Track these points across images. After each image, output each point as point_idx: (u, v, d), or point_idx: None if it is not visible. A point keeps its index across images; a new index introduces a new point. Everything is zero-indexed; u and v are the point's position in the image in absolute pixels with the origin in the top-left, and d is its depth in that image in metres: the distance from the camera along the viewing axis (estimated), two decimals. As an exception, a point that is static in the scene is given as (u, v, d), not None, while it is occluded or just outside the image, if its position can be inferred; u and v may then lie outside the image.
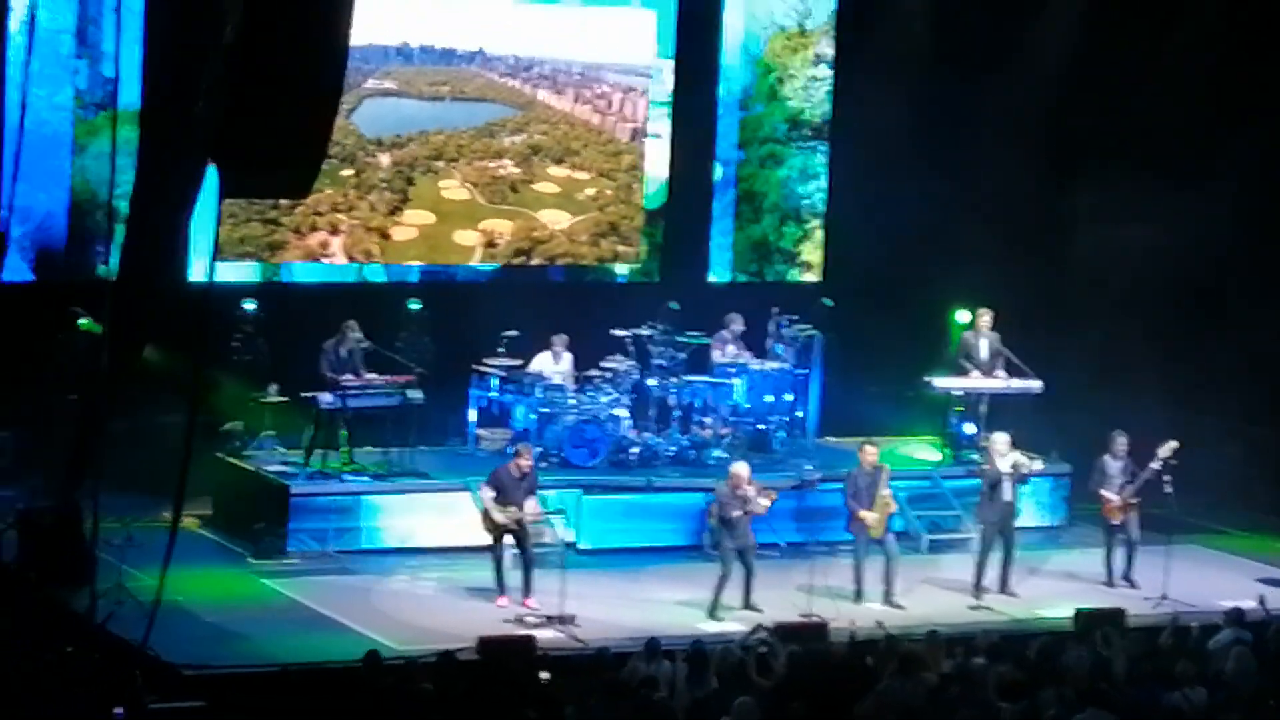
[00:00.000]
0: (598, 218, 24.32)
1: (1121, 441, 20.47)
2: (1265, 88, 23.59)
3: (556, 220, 24.11)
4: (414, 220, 23.35)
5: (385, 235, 23.18)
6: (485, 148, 23.77)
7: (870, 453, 19.86)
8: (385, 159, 23.16)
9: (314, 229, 22.74)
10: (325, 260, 22.82)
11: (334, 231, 22.86)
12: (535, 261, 23.99)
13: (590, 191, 24.31)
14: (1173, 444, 20.17)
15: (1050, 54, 24.45)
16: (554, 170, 24.13)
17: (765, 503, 19.19)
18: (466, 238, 23.63)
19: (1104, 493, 20.44)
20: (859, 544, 19.63)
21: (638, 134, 24.48)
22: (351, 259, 22.99)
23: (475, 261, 23.69)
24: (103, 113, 21.16)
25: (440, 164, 23.53)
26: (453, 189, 23.58)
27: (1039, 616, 18.94)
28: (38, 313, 20.22)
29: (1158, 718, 14.53)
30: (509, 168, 23.89)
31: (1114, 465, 20.45)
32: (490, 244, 23.72)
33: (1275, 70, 23.61)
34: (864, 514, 19.54)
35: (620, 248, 24.41)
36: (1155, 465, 20.14)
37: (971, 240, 24.12)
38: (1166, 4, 24.24)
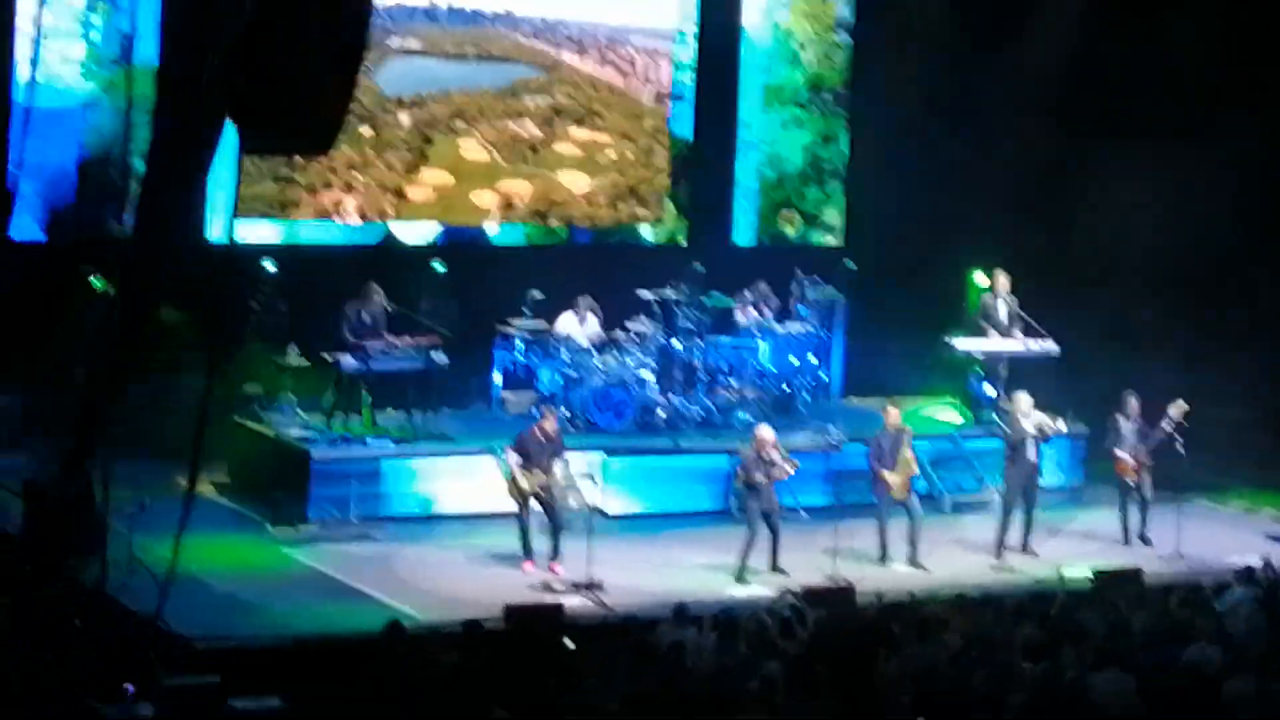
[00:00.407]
0: (617, 180, 23.44)
1: (1133, 402, 19.96)
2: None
3: (576, 182, 23.19)
4: (431, 180, 22.40)
5: (401, 195, 22.21)
6: (507, 108, 22.83)
7: (893, 414, 19.18)
8: (405, 118, 22.23)
9: (328, 187, 21.78)
10: (339, 219, 21.82)
11: (349, 190, 21.91)
12: (553, 224, 23.05)
13: (611, 154, 23.44)
14: (1182, 404, 19.68)
15: (1068, 19, 23.84)
16: (575, 132, 23.24)
17: (789, 469, 18.37)
18: (484, 199, 22.69)
19: (1118, 452, 19.92)
20: (883, 506, 18.88)
21: (661, 97, 23.69)
22: (366, 218, 21.98)
23: (492, 222, 22.73)
24: (118, 68, 20.12)
25: (461, 124, 22.59)
26: (472, 149, 22.64)
27: (1059, 576, 18.15)
28: (49, 272, 19.18)
29: (1175, 675, 13.86)
30: (530, 129, 22.94)
31: (1127, 425, 19.93)
32: (508, 205, 22.78)
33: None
34: (887, 475, 18.79)
35: (639, 210, 23.55)
36: (1166, 426, 19.65)
37: (989, 203, 23.57)
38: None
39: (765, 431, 18.48)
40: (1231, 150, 22.61)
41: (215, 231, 19.62)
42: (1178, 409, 19.63)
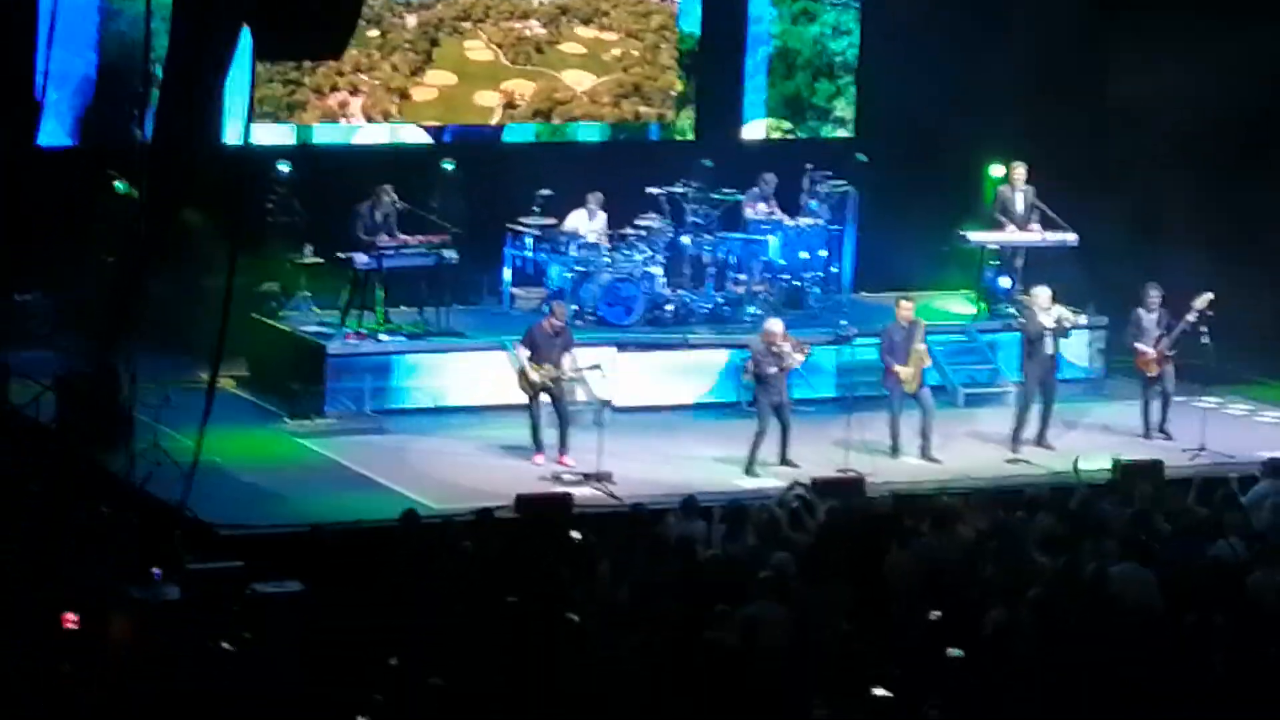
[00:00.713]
0: (621, 79, 23.89)
1: (1155, 294, 20.29)
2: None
3: (580, 81, 23.70)
4: (435, 81, 22.96)
5: (405, 95, 22.79)
6: (513, 8, 23.36)
7: (906, 308, 19.67)
8: (411, 19, 22.79)
9: (334, 89, 22.39)
10: (345, 120, 22.49)
11: (354, 92, 22.50)
12: (555, 121, 23.62)
13: (616, 52, 23.89)
14: (1208, 295, 19.94)
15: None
16: (581, 31, 23.72)
17: (800, 357, 19.03)
18: (487, 98, 23.25)
19: (1138, 345, 20.27)
20: (894, 399, 19.47)
21: (668, -7, 24.12)
22: (370, 119, 22.62)
23: (494, 121, 23.35)
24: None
25: (467, 24, 23.13)
26: (477, 49, 23.20)
27: (1078, 469, 18.62)
28: (75, 176, 19.94)
29: (1198, 569, 14.38)
30: (535, 28, 23.47)
31: (1148, 318, 20.27)
32: (510, 104, 23.33)
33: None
34: (899, 368, 19.36)
35: (642, 108, 23.98)
36: (1190, 317, 19.96)
37: (1006, 93, 23.79)
38: None
39: (774, 324, 19.11)
40: (1260, 31, 22.49)
41: (232, 136, 20.21)
42: (1202, 300, 19.87)
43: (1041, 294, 19.90)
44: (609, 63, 23.81)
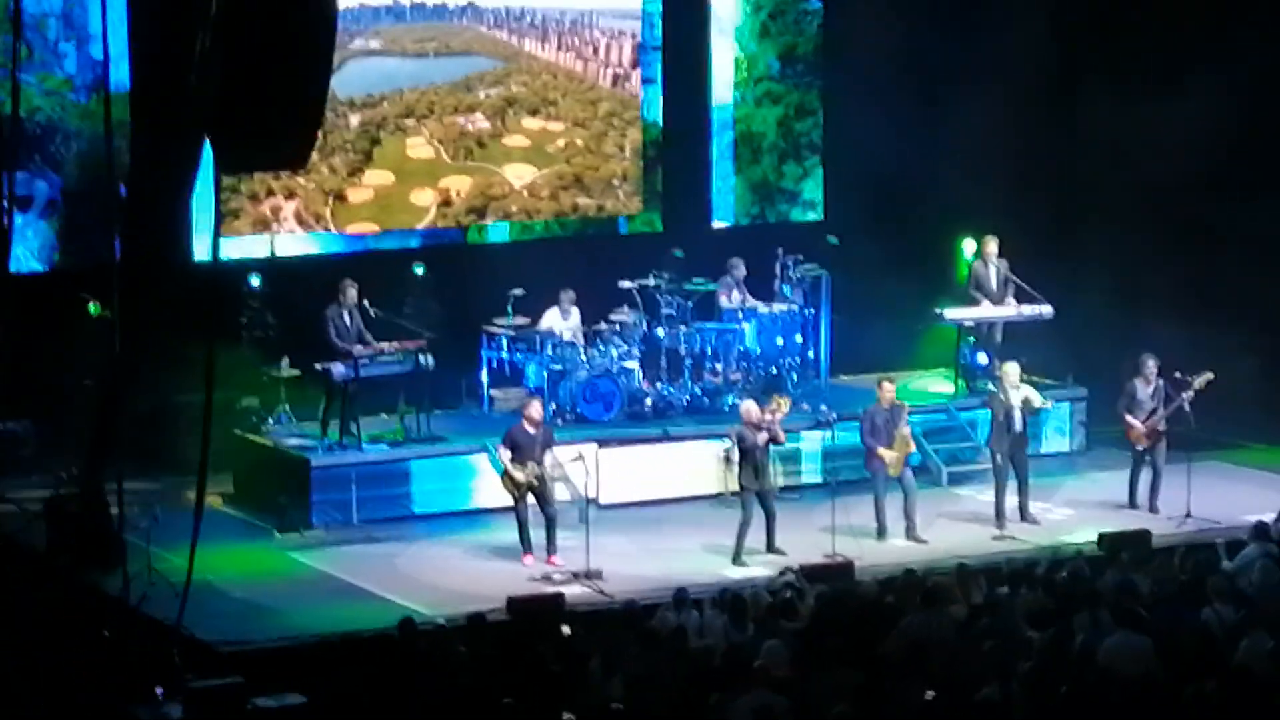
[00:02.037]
0: (562, 170, 24.46)
1: (1152, 365, 20.60)
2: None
3: (521, 175, 24.24)
4: (372, 181, 23.49)
5: (341, 198, 23.27)
6: (459, 102, 23.92)
7: (888, 389, 20.20)
8: (355, 119, 23.27)
9: (269, 194, 22.84)
10: (277, 228, 22.87)
11: (290, 196, 22.95)
12: (489, 220, 24.10)
13: (560, 143, 24.45)
14: (1208, 375, 20.31)
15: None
16: (528, 122, 24.30)
17: (784, 409, 19.53)
18: (422, 197, 23.77)
19: (1128, 418, 20.57)
20: (878, 481, 20.00)
21: (619, 79, 24.67)
22: (304, 224, 23.07)
23: (425, 223, 23.80)
24: (95, 96, 21.39)
25: (410, 121, 23.71)
26: (418, 147, 23.75)
27: (1063, 542, 19.30)
28: (48, 302, 20.43)
29: (1188, 636, 14.80)
30: (479, 122, 24.05)
31: (1144, 390, 20.59)
32: (445, 202, 23.83)
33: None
34: (882, 451, 19.90)
35: (581, 199, 24.51)
36: (1187, 395, 20.31)
37: (973, 167, 24.20)
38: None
39: (749, 404, 19.75)
40: (1223, 90, 23.17)
41: (202, 252, 20.82)
42: (1202, 380, 20.24)
43: (1010, 370, 20.41)
44: (553, 154, 24.39)
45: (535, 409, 19.49)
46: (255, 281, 21.97)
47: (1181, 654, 14.39)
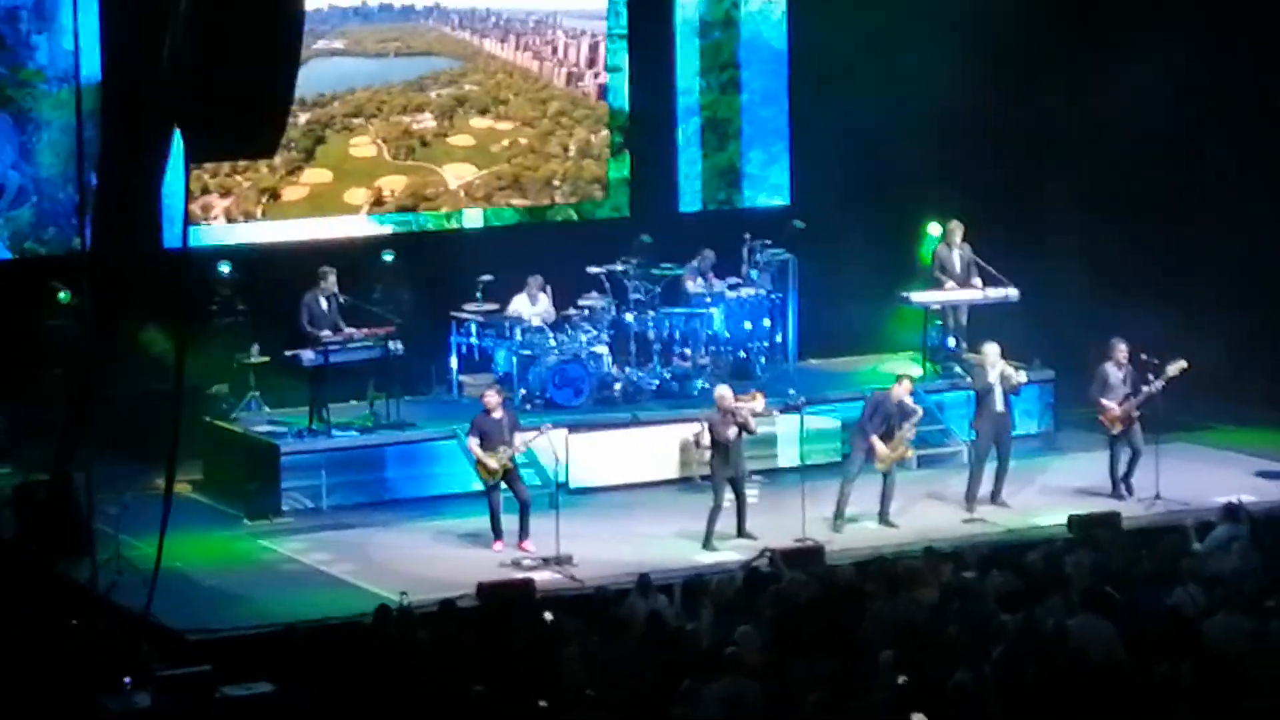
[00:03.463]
0: (501, 170, 24.15)
1: (1122, 349, 20.47)
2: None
3: (461, 174, 23.91)
4: (310, 179, 23.18)
5: (275, 196, 22.95)
6: (409, 102, 23.68)
7: (905, 386, 19.81)
8: (303, 117, 22.96)
9: (205, 192, 22.47)
10: (206, 223, 22.49)
11: (225, 194, 22.61)
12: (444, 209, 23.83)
13: (505, 143, 24.17)
14: (1181, 364, 20.19)
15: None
16: (476, 122, 24.04)
17: (759, 405, 19.40)
18: (356, 195, 23.44)
19: (1104, 401, 20.43)
20: (853, 464, 19.80)
21: (573, 78, 24.46)
22: (232, 221, 22.72)
23: (359, 218, 23.44)
24: (65, 86, 21.14)
25: (358, 120, 23.42)
26: (361, 146, 23.46)
27: (1033, 525, 19.22)
28: (18, 290, 20.36)
29: (1158, 618, 14.73)
30: (426, 122, 23.76)
31: (1116, 374, 20.43)
32: (378, 201, 23.50)
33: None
34: (878, 442, 19.57)
35: (516, 200, 24.18)
36: (1160, 384, 20.19)
37: (939, 151, 24.24)
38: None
39: (723, 389, 19.54)
40: (1190, 67, 23.35)
41: (170, 239, 20.60)
42: (1175, 368, 20.10)
43: (990, 350, 20.24)
44: (495, 154, 24.10)
45: (491, 398, 19.29)
46: (225, 269, 21.73)
47: (1152, 636, 14.30)
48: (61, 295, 19.43)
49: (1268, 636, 14.23)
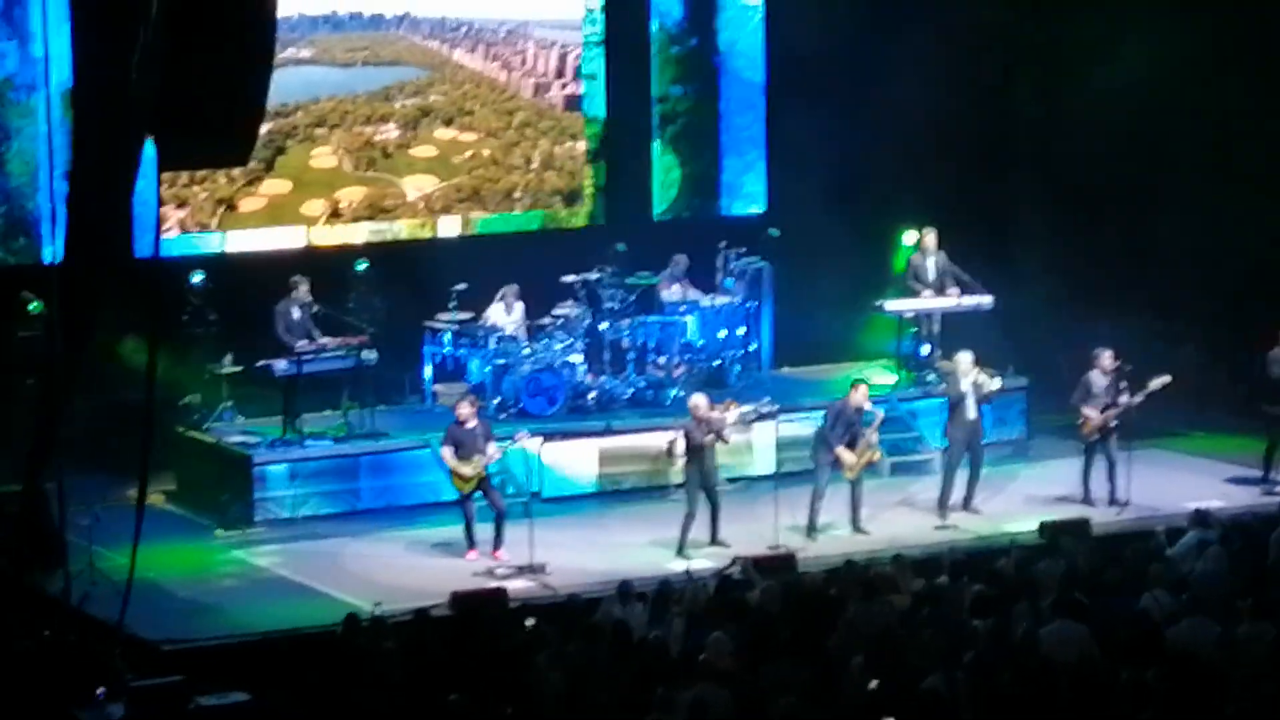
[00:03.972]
0: (461, 183, 24.06)
1: (1107, 358, 20.48)
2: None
3: (421, 185, 23.79)
4: (269, 190, 23.00)
5: (232, 207, 22.78)
6: (373, 112, 23.56)
7: (861, 391, 19.90)
8: (265, 128, 22.62)
9: (160, 203, 22.18)
10: (165, 235, 22.33)
11: (180, 205, 22.45)
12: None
13: (468, 154, 24.07)
14: (1165, 379, 20.24)
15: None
16: (440, 133, 23.93)
17: (733, 415, 19.44)
18: (313, 207, 23.25)
19: (1084, 410, 20.44)
20: (821, 474, 19.78)
21: (540, 89, 24.44)
22: (185, 231, 22.56)
23: (318, 228, 23.27)
24: (35, 94, 21.12)
25: (320, 130, 23.29)
26: (322, 157, 23.30)
27: (1005, 532, 19.26)
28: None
29: (1128, 623, 14.78)
30: (389, 132, 23.64)
31: (1100, 382, 20.44)
32: (335, 213, 23.33)
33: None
34: (843, 452, 19.63)
35: (475, 213, 24.04)
36: (1139, 398, 20.23)
37: (913, 159, 24.28)
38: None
39: (698, 398, 19.58)
40: (1159, 76, 23.40)
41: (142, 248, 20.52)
42: (1158, 382, 20.15)
43: (963, 358, 20.32)
44: (457, 165, 23.99)
45: (464, 409, 19.26)
46: (197, 278, 21.57)
47: (1121, 641, 14.35)
48: (32, 305, 19.35)
49: (1236, 641, 14.30)
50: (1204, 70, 23.70)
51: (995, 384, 20.49)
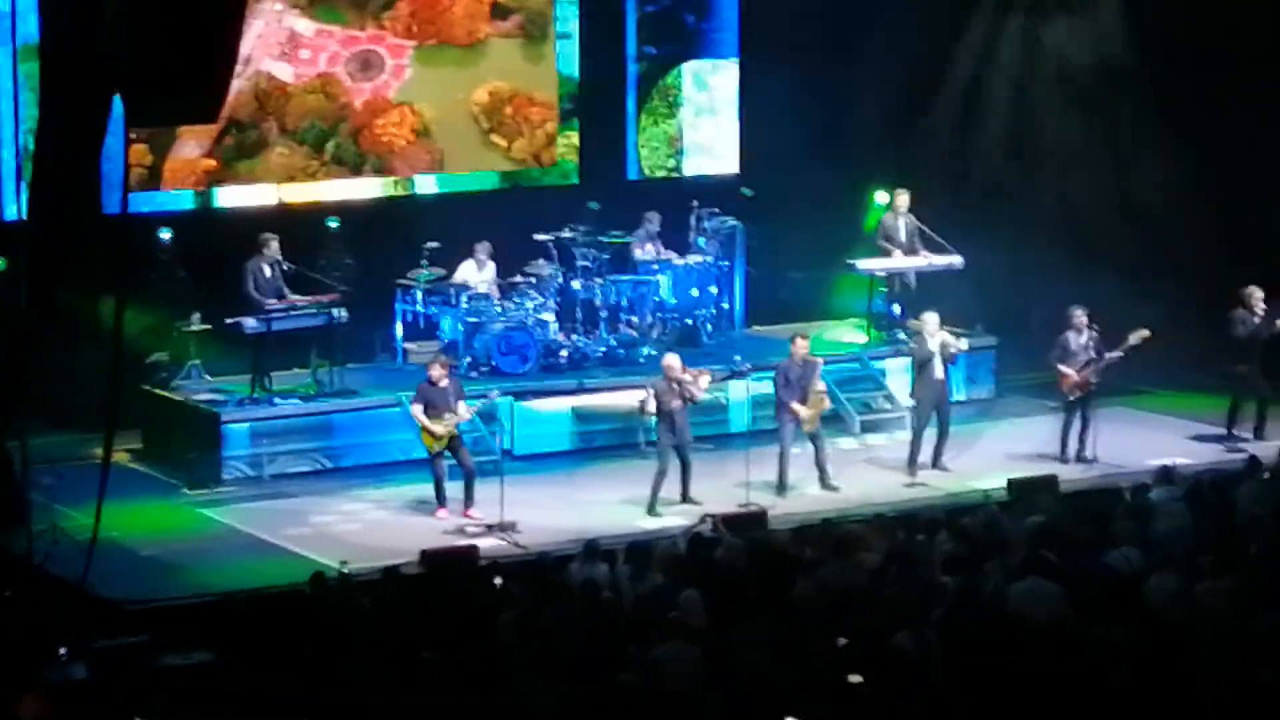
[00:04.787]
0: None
1: (1081, 315, 20.44)
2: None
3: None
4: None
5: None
6: None
7: (801, 345, 19.87)
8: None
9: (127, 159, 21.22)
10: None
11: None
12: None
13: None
14: (1144, 332, 20.23)
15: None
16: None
17: (704, 382, 19.33)
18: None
19: (1062, 368, 20.39)
20: (785, 435, 19.70)
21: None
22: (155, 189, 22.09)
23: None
24: (1, 49, 20.75)
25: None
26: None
27: (974, 489, 19.17)
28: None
29: (1096, 580, 14.73)
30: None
31: (1076, 341, 20.40)
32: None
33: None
34: (796, 407, 19.60)
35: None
36: (1119, 353, 20.23)
37: (885, 121, 24.34)
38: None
39: (671, 359, 19.50)
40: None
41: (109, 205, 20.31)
42: (1137, 336, 20.15)
43: (929, 319, 20.28)
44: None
45: (435, 369, 19.09)
46: (165, 235, 21.35)
47: (1091, 597, 14.31)
48: (-2, 263, 19.15)
49: (1198, 595, 14.29)
50: (1181, 24, 23.60)
51: (961, 344, 20.44)
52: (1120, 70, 24.03)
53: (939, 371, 20.12)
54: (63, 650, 13.78)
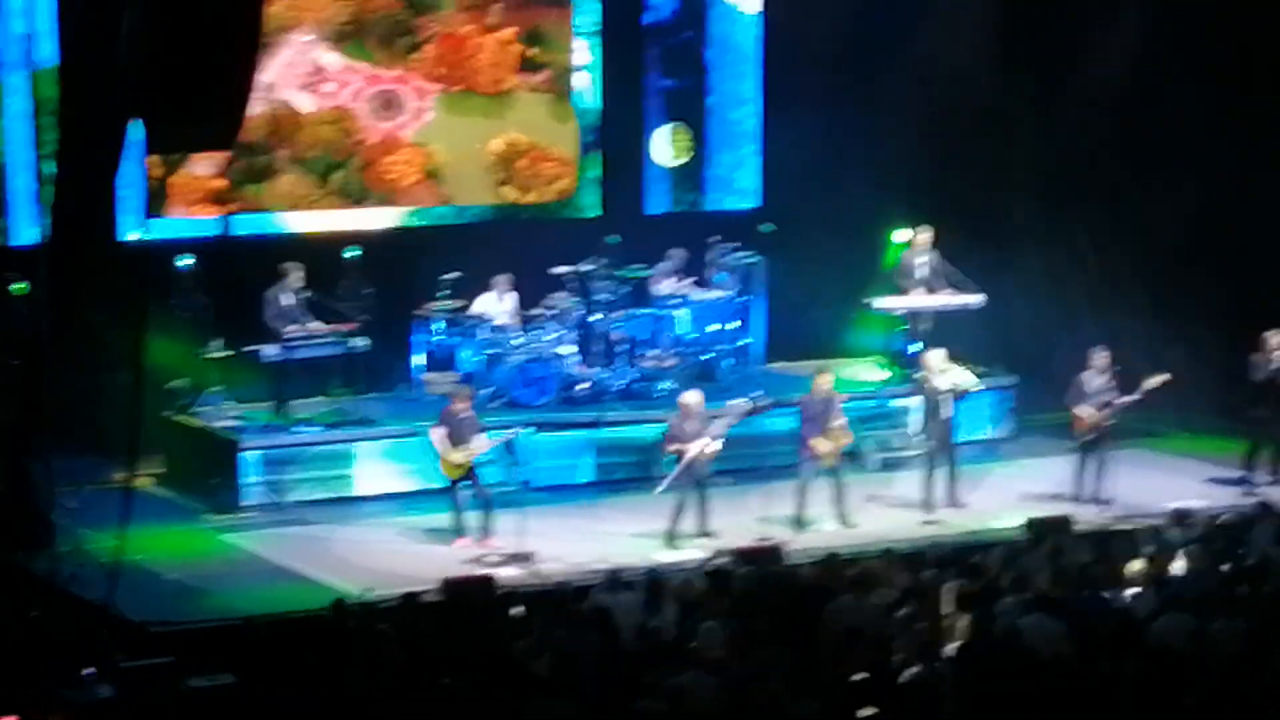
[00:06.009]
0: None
1: (1102, 356, 20.71)
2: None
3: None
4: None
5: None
6: None
7: (824, 380, 20.17)
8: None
9: (148, 185, 22.15)
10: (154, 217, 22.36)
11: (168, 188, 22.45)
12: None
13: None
14: (1163, 377, 20.48)
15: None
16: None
17: (712, 451, 19.58)
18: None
19: (1077, 410, 20.65)
20: (806, 470, 19.99)
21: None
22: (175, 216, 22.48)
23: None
24: (18, 72, 21.11)
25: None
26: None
27: (990, 528, 19.47)
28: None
29: (1108, 620, 14.99)
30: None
31: (1095, 381, 20.65)
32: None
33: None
34: (816, 442, 19.88)
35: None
36: (1136, 396, 20.46)
37: (908, 158, 24.39)
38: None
39: (691, 396, 19.81)
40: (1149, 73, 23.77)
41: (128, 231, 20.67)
42: (1156, 380, 20.42)
43: (934, 357, 20.57)
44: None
45: (458, 402, 19.47)
46: (186, 262, 21.54)
47: (1102, 636, 14.55)
48: (16, 286, 19.40)
49: (1211, 635, 14.50)
50: (1197, 64, 23.85)
51: (971, 381, 20.71)
52: (1143, 114, 24.23)
53: (945, 410, 20.39)
54: (89, 671, 14.11)
